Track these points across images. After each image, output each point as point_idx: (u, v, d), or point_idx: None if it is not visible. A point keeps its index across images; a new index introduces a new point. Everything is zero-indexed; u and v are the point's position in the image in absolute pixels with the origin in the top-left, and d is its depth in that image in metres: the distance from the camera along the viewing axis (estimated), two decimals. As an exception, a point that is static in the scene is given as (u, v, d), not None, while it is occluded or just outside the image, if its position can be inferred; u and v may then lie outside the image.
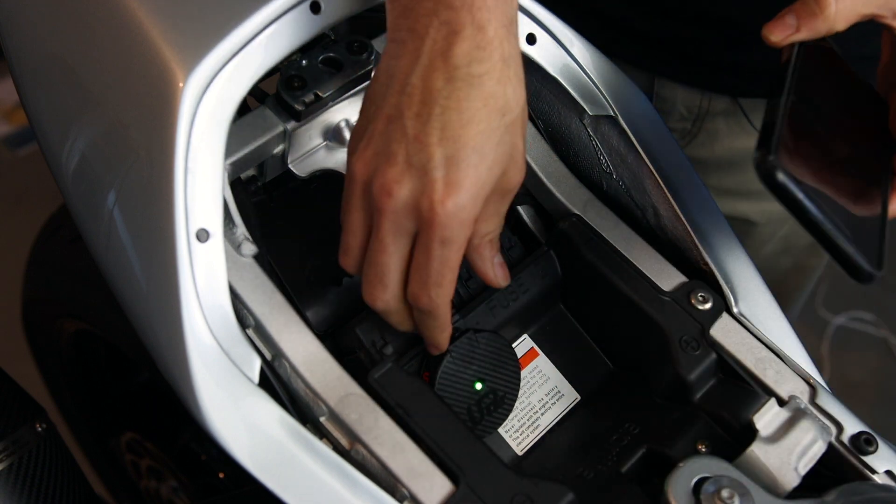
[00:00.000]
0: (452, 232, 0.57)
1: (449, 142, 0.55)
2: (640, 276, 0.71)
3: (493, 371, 0.67)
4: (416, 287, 0.60)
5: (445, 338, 0.64)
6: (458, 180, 0.56)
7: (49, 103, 0.68)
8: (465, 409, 0.65)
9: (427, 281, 0.59)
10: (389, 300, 0.61)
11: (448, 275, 0.59)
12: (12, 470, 0.83)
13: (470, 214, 0.57)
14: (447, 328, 0.63)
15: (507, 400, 0.67)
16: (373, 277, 0.60)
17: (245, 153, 0.66)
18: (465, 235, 0.58)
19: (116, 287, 0.65)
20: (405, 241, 0.59)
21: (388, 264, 0.59)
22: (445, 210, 0.56)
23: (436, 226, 0.56)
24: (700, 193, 0.74)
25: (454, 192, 0.56)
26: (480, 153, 0.56)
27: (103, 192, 0.64)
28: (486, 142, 0.56)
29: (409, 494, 0.59)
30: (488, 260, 0.62)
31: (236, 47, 0.62)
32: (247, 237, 0.64)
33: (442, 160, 0.55)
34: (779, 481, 0.61)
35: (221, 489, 1.30)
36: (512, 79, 0.57)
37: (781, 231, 1.15)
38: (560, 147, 0.78)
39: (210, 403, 0.59)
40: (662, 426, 0.67)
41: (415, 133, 0.56)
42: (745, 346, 0.68)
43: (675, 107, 1.02)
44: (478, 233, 0.61)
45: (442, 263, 0.58)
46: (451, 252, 0.58)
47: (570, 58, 0.72)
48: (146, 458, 1.36)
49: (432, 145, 0.55)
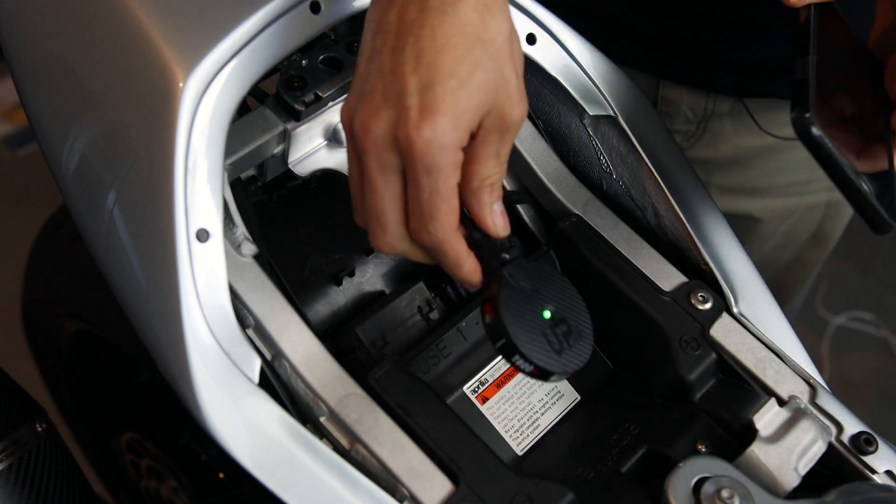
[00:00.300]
0: (434, 159, 0.55)
1: (423, 69, 0.54)
2: (640, 275, 0.71)
3: (556, 299, 0.62)
4: (414, 223, 0.58)
5: (467, 272, 0.60)
6: (434, 105, 0.54)
7: (49, 103, 0.68)
8: (544, 339, 0.60)
9: (421, 215, 0.57)
10: (393, 242, 0.59)
11: (441, 206, 0.56)
12: (12, 470, 0.83)
13: (451, 140, 0.55)
14: (463, 262, 0.60)
15: (584, 332, 0.62)
16: (372, 221, 0.59)
17: (245, 153, 0.66)
18: (451, 162, 0.56)
19: (116, 287, 0.65)
20: (394, 177, 0.57)
21: (381, 204, 0.57)
22: (422, 136, 0.54)
23: (416, 153, 0.54)
24: (700, 193, 0.74)
25: (430, 117, 0.54)
26: (458, 78, 0.54)
27: (103, 192, 0.64)
28: (464, 67, 0.54)
29: (409, 494, 0.59)
30: (486, 205, 0.59)
31: (236, 47, 0.62)
32: (247, 237, 0.64)
33: (416, 87, 0.54)
34: (779, 481, 0.61)
35: (221, 489, 1.30)
36: (491, 7, 0.56)
37: (784, 227, 1.15)
38: (560, 147, 0.78)
39: (210, 403, 0.59)
40: (662, 426, 0.67)
41: (390, 66, 0.55)
42: (745, 346, 0.68)
43: (680, 109, 1.02)
44: (475, 175, 0.58)
45: (431, 194, 0.56)
46: (438, 181, 0.55)
47: (570, 58, 0.73)
48: (146, 458, 1.36)
49: (407, 74, 0.54)
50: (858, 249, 2.13)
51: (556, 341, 0.60)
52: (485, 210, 0.59)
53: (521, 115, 0.58)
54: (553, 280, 0.62)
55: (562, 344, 0.60)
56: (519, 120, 0.58)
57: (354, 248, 0.75)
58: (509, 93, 0.57)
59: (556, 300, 0.61)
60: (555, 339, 0.60)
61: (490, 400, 0.70)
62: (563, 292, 0.62)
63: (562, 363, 0.59)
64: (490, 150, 0.58)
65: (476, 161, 0.57)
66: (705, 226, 0.73)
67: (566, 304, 0.61)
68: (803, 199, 1.12)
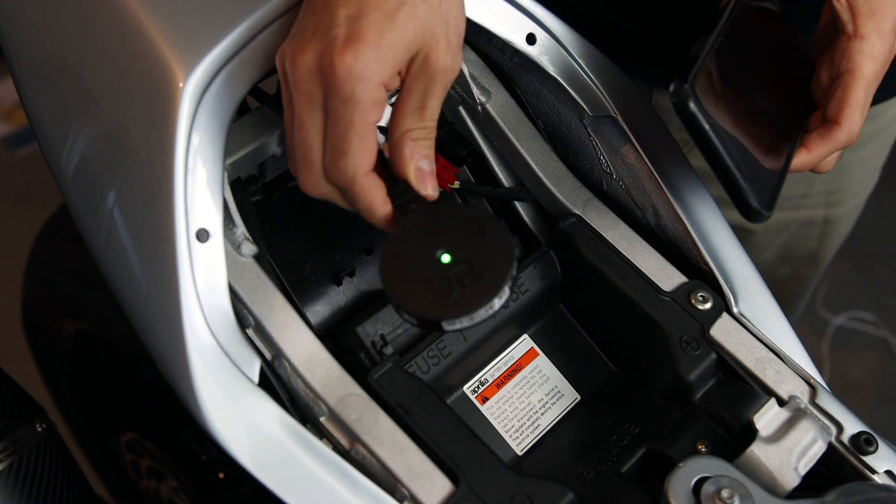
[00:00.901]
0: (354, 88, 0.54)
1: (353, 2, 0.54)
2: (640, 275, 0.71)
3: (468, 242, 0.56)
4: (327, 159, 0.56)
5: (379, 220, 0.58)
6: (359, 33, 0.54)
7: (49, 103, 0.68)
8: (429, 285, 0.54)
9: (334, 149, 0.56)
10: (318, 182, 0.58)
11: (355, 141, 0.55)
12: (12, 470, 0.83)
13: (372, 72, 0.54)
14: (376, 209, 0.57)
15: (493, 271, 0.55)
16: (300, 161, 0.57)
17: (245, 153, 0.66)
18: (371, 98, 0.54)
19: (116, 287, 0.65)
20: (319, 112, 0.56)
21: (307, 141, 0.56)
22: (344, 63, 0.53)
23: (337, 82, 0.54)
24: (700, 193, 0.74)
25: (353, 45, 0.53)
26: (385, 11, 0.54)
27: (103, 192, 0.64)
28: (392, 2, 0.54)
29: (409, 494, 0.59)
30: (408, 158, 0.57)
31: (236, 47, 0.62)
32: (247, 237, 0.64)
33: (344, 18, 0.54)
34: (779, 481, 0.61)
35: (221, 489, 1.30)
36: None
37: (780, 239, 1.15)
38: (560, 147, 0.78)
39: (210, 403, 0.59)
40: (662, 426, 0.67)
41: (322, 3, 0.55)
42: (745, 346, 0.68)
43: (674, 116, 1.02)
44: (398, 125, 0.57)
45: (346, 127, 0.55)
46: (354, 113, 0.54)
47: (570, 58, 0.73)
48: (146, 458, 1.36)
49: (336, 7, 0.54)
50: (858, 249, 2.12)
51: (446, 285, 0.54)
52: (405, 163, 0.58)
53: (450, 66, 0.57)
54: (469, 220, 0.57)
55: (452, 287, 0.54)
56: (446, 69, 0.57)
57: (354, 248, 0.75)
58: (438, 39, 0.56)
59: (462, 241, 0.56)
60: (444, 284, 0.54)
61: (490, 400, 0.70)
62: (479, 231, 0.56)
63: (446, 309, 0.53)
64: (414, 101, 0.57)
65: (399, 111, 0.57)
66: (705, 226, 0.73)
67: (477, 243, 0.56)
68: (799, 214, 1.12)
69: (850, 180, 1.11)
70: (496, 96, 0.75)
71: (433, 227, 0.56)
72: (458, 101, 0.76)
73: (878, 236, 2.16)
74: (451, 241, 0.56)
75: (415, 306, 0.54)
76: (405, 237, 0.56)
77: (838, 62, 0.68)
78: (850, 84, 0.67)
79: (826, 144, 0.68)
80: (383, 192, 0.58)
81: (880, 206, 2.15)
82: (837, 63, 0.68)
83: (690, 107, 0.61)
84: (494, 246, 0.56)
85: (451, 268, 0.55)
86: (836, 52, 0.68)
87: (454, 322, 0.54)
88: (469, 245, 0.56)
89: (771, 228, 1.12)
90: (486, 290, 0.54)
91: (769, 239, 1.14)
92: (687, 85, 0.60)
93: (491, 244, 0.56)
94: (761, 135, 0.67)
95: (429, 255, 0.55)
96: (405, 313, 0.55)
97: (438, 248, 0.55)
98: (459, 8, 0.58)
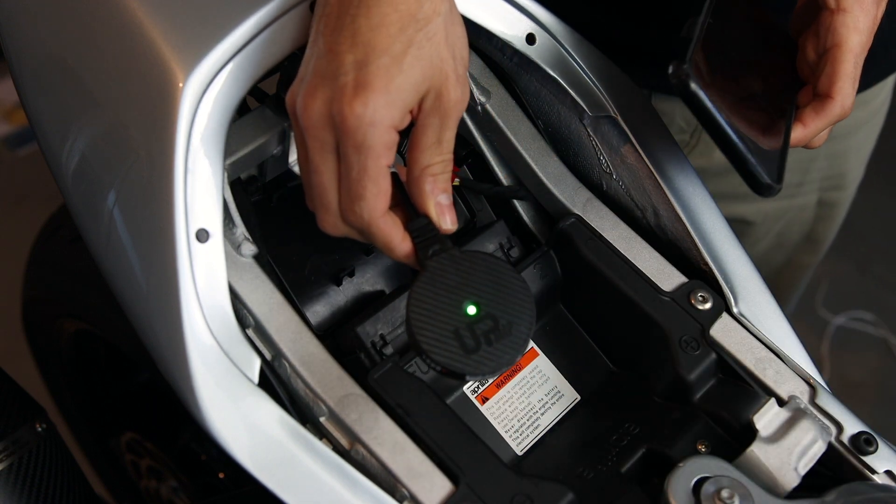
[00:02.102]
0: (365, 136, 0.54)
1: (359, 47, 0.54)
2: (640, 275, 0.71)
3: (492, 295, 0.57)
4: (343, 203, 0.57)
5: (400, 257, 0.59)
6: (368, 81, 0.54)
7: (49, 103, 0.68)
8: (454, 336, 0.56)
9: (349, 194, 0.56)
10: (336, 223, 0.59)
11: (369, 186, 0.56)
12: (12, 470, 0.83)
13: (382, 118, 0.54)
14: (395, 247, 0.58)
15: (516, 329, 0.57)
16: (317, 203, 0.59)
17: (245, 153, 0.66)
18: (383, 142, 0.55)
19: (116, 287, 0.65)
20: (332, 156, 0.57)
21: (323, 184, 0.57)
22: (354, 111, 0.54)
23: (348, 129, 0.54)
24: (700, 193, 0.74)
25: (362, 93, 0.54)
26: (391, 55, 0.54)
27: (103, 192, 0.64)
28: (398, 45, 0.55)
29: (409, 494, 0.59)
30: (428, 194, 0.58)
31: (236, 47, 0.62)
32: (247, 237, 0.64)
33: (352, 64, 0.54)
34: (779, 481, 0.61)
35: (221, 489, 1.30)
36: None
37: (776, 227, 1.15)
38: (560, 147, 0.78)
39: (210, 403, 0.59)
40: (662, 426, 0.67)
41: (328, 46, 0.55)
42: (745, 346, 0.68)
43: (674, 119, 1.02)
44: (416, 162, 0.58)
45: (360, 172, 0.55)
46: (367, 159, 0.55)
47: (570, 58, 0.73)
48: (146, 458, 1.36)
49: (343, 53, 0.55)
50: (858, 249, 2.13)
51: (472, 339, 0.56)
52: (426, 199, 0.58)
53: (461, 98, 0.57)
54: (493, 271, 0.58)
55: (478, 342, 0.56)
56: (458, 102, 0.57)
57: (354, 248, 0.75)
58: (447, 73, 0.56)
59: (487, 294, 0.57)
60: (470, 337, 0.56)
61: (490, 400, 0.70)
62: (501, 284, 0.57)
63: (472, 364, 0.55)
64: (430, 137, 0.57)
65: (416, 148, 0.57)
66: (705, 226, 0.73)
67: (500, 298, 0.57)
68: (795, 201, 1.13)
69: (847, 168, 1.12)
70: (496, 96, 0.75)
71: (459, 275, 0.57)
72: (458, 101, 0.76)
73: (877, 236, 2.16)
74: (477, 291, 0.57)
75: (443, 358, 0.55)
76: (432, 282, 0.57)
77: (824, 37, 0.68)
78: (838, 58, 0.67)
79: (821, 118, 0.69)
80: (401, 229, 0.59)
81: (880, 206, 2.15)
82: (823, 38, 0.68)
83: (692, 86, 0.61)
84: (517, 302, 0.57)
85: (477, 322, 0.56)
86: (820, 28, 0.68)
87: (475, 377, 0.56)
88: (493, 298, 0.57)
89: (768, 218, 1.12)
90: (511, 349, 0.56)
91: (766, 228, 1.14)
92: (686, 65, 0.61)
93: (514, 300, 0.57)
94: (756, 116, 0.67)
95: (455, 304, 0.56)
96: (432, 362, 0.56)
97: (465, 298, 0.56)
98: (462, 39, 0.59)
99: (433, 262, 0.57)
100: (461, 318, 0.56)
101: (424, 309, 0.56)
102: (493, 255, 0.58)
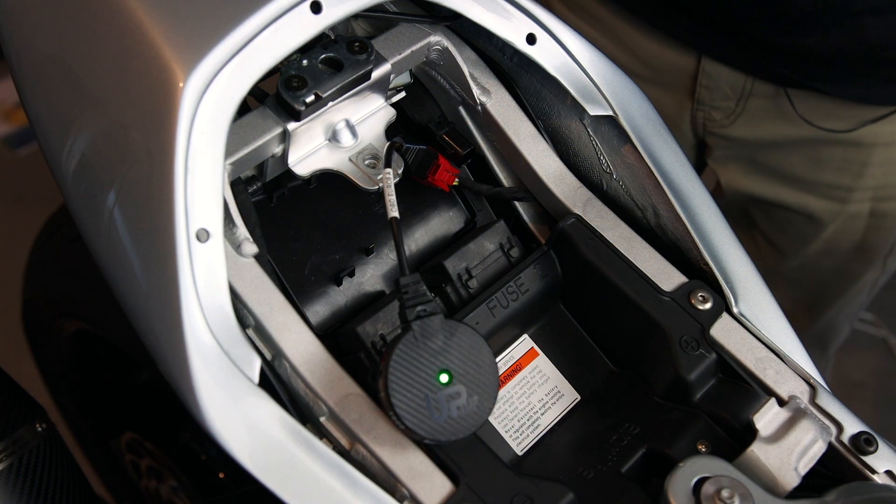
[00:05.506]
0: None
1: None
2: (640, 275, 0.71)
3: (464, 365, 0.60)
4: None
5: None
6: None
7: (49, 103, 0.68)
8: (425, 401, 0.59)
9: None
10: None
11: None
12: (12, 470, 0.83)
13: None
14: None
15: (480, 406, 0.60)
16: None
17: (245, 153, 0.66)
18: None
19: (116, 287, 0.65)
20: None
21: None
22: None
23: None
24: (700, 193, 0.74)
25: None
26: None
27: (103, 192, 0.64)
28: None
29: (409, 494, 0.59)
30: None
31: (236, 47, 0.61)
32: (247, 237, 0.64)
33: None
34: (779, 481, 0.61)
35: (221, 489, 1.30)
36: None
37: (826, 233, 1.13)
38: (560, 147, 0.78)
39: (210, 403, 0.59)
40: (662, 426, 0.67)
41: None
42: (745, 346, 0.68)
43: (720, 85, 1.01)
44: None
45: None
46: None
47: (570, 58, 0.72)
48: (146, 458, 1.36)
49: None
50: (858, 249, 2.12)
51: (438, 407, 0.59)
52: None
53: None
54: (473, 346, 0.61)
55: (443, 412, 0.59)
56: None
57: (354, 248, 0.75)
58: None
59: (463, 366, 0.60)
60: (436, 405, 0.59)
61: (490, 400, 0.70)
62: (478, 359, 0.60)
63: (434, 431, 0.59)
64: None
65: None
66: (705, 226, 0.73)
67: (474, 373, 0.60)
68: (846, 207, 1.11)
69: None
70: (496, 96, 0.75)
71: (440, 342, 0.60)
72: (458, 101, 0.76)
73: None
74: (453, 362, 0.60)
75: (411, 422, 0.59)
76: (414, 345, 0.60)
77: None
78: None
79: None
80: None
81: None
82: None
83: None
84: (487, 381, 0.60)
85: (446, 390, 0.59)
86: None
87: (433, 443, 0.60)
88: (466, 371, 0.60)
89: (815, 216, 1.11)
90: (471, 423, 0.60)
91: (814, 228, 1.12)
92: None
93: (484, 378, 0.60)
94: None
95: (431, 370, 0.59)
96: (401, 423, 0.59)
97: (441, 366, 0.59)
98: None
99: (419, 324, 0.60)
100: (434, 385, 0.59)
101: (402, 371, 0.59)
102: (474, 329, 0.61)
